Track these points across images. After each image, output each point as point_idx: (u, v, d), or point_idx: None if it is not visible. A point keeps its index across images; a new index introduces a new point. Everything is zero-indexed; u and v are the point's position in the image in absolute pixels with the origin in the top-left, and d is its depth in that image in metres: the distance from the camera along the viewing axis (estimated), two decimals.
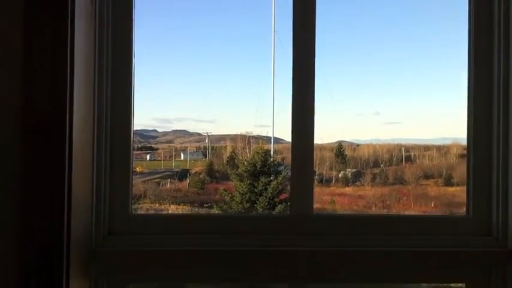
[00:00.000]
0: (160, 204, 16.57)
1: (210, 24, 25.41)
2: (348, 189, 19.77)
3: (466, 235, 1.95)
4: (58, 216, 1.58)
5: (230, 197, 12.17)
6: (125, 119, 1.96)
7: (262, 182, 11.83)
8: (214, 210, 13.00)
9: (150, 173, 21.53)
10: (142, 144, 27.10)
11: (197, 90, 27.14)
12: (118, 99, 1.94)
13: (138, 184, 17.57)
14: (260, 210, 11.60)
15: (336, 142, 22.74)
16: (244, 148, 19.35)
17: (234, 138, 21.75)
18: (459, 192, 19.21)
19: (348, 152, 22.06)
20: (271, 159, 12.82)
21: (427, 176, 21.28)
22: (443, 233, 1.96)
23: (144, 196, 16.01)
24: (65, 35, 1.54)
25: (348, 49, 21.19)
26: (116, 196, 1.98)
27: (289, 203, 1.99)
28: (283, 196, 12.13)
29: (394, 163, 22.75)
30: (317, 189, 19.35)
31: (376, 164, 19.14)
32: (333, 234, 1.95)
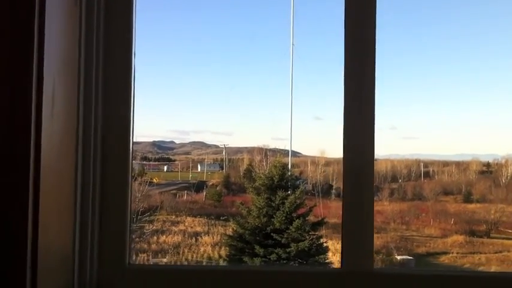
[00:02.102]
0: (176, 216, 16.65)
1: (228, 38, 25.68)
2: None
3: None
4: (16, 279, 1.09)
5: (247, 211, 12.14)
6: (121, 139, 1.49)
7: (279, 196, 11.77)
8: (231, 224, 12.96)
9: (167, 184, 21.68)
10: (159, 155, 27.38)
11: (215, 102, 27.38)
12: (112, 113, 1.49)
13: (155, 195, 17.70)
14: (277, 225, 11.52)
15: None
16: (261, 161, 19.39)
17: (251, 150, 21.83)
18: (479, 209, 18.85)
19: None
20: (289, 173, 12.76)
21: (446, 192, 20.97)
22: None
23: (160, 208, 16.11)
24: (31, 34, 1.16)
25: None
26: (108, 242, 1.46)
27: (340, 257, 1.54)
28: (301, 211, 12.04)
29: (412, 178, 22.46)
30: (334, 204, 19.20)
31: (394, 179, 18.93)
32: None
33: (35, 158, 1.13)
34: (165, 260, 13.27)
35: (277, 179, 12.12)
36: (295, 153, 19.96)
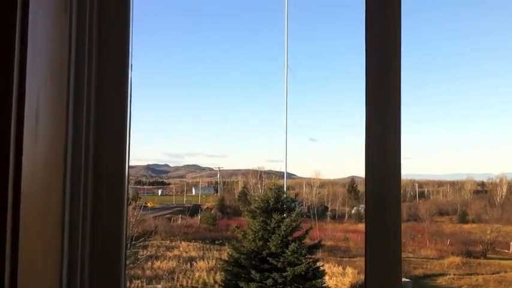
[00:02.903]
0: (171, 241, 16.45)
1: (222, 59, 25.88)
2: (361, 226, 19.40)
3: None
4: None
5: (242, 235, 12.02)
6: (116, 161, 1.35)
7: (275, 219, 11.69)
8: (226, 248, 12.81)
9: (161, 208, 21.51)
10: (154, 179, 27.28)
11: (209, 125, 27.43)
12: (106, 132, 1.35)
13: (149, 220, 17.52)
14: (273, 248, 11.41)
15: (349, 177, 22.64)
16: (256, 184, 19.32)
17: (245, 173, 21.80)
18: (475, 229, 18.78)
19: (360, 188, 21.89)
20: (284, 195, 12.71)
21: (441, 213, 20.94)
22: None
23: (155, 232, 15.93)
24: (11, 42, 1.04)
25: (361, 84, 21.21)
26: (101, 274, 1.33)
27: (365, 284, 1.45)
28: (296, 234, 11.95)
29: (407, 199, 22.46)
30: (330, 226, 19.09)
31: None
32: None
33: (14, 183, 0.99)
34: (159, 286, 13.08)
35: (273, 202, 12.05)
36: (290, 175, 19.96)
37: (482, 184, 22.27)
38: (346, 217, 20.19)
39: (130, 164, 1.45)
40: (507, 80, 22.66)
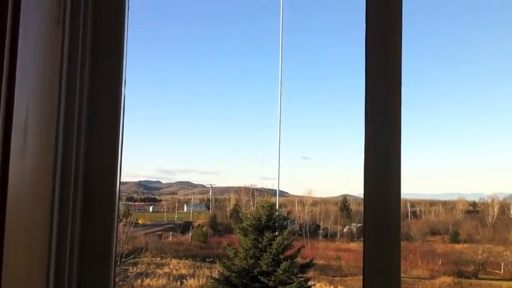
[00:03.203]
0: (161, 258, 16.27)
1: (215, 77, 26.00)
2: (353, 245, 19.38)
3: None
4: None
5: (234, 252, 11.92)
6: (107, 177, 1.31)
7: (266, 237, 11.61)
8: (217, 266, 12.69)
9: (152, 225, 21.32)
10: (145, 195, 27.09)
11: (202, 141, 27.39)
12: (97, 148, 1.31)
13: (140, 237, 17.34)
14: (265, 267, 11.31)
15: (341, 196, 22.62)
16: (248, 201, 19.24)
17: (238, 190, 21.71)
18: (466, 249, 18.77)
19: (352, 206, 21.88)
20: (277, 213, 12.66)
21: (433, 232, 20.94)
22: None
23: (145, 250, 15.76)
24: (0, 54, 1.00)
25: (355, 103, 21.44)
26: None
27: None
28: (288, 252, 11.87)
29: None
30: (322, 244, 19.00)
31: None
32: None
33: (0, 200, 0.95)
34: None
35: (265, 220, 11.99)
36: (282, 193, 19.91)
37: (474, 204, 22.36)
38: (338, 236, 20.12)
39: (122, 180, 1.40)
40: (497, 101, 22.97)
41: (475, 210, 21.99)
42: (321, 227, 20.20)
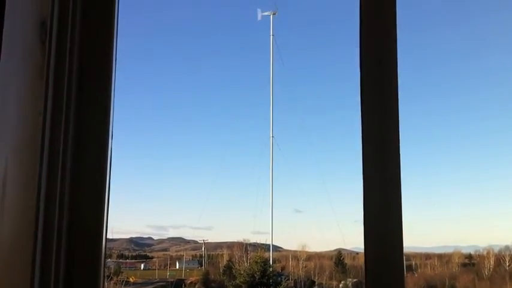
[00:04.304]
0: None
1: (208, 132, 26.25)
2: None
3: None
4: None
5: None
6: (92, 235, 1.23)
7: None
8: None
9: (143, 284, 20.74)
10: (137, 252, 26.49)
11: (194, 197, 27.20)
12: (82, 210, 1.24)
13: None
14: None
15: (335, 250, 22.30)
16: (241, 256, 18.88)
17: (231, 245, 21.33)
18: None
19: (347, 261, 21.53)
20: (271, 269, 12.44)
21: (430, 286, 20.54)
22: None
23: None
24: None
25: (347, 155, 21.66)
26: None
27: None
28: None
29: None
30: None
31: None
32: None
33: None
34: None
35: (259, 276, 11.78)
36: (276, 248, 19.58)
37: (470, 256, 22.12)
38: None
39: (112, 237, 1.33)
40: (490, 154, 23.32)
41: (471, 262, 21.72)
42: (316, 283, 19.77)
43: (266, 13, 16.56)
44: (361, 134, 1.39)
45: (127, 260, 23.55)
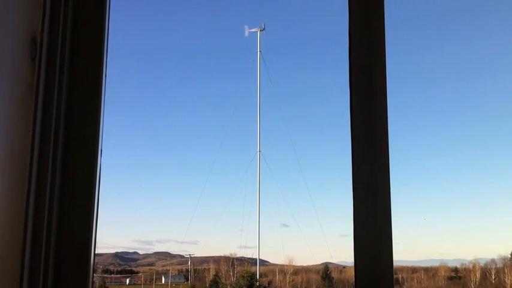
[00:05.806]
0: None
1: (195, 145, 26.22)
2: None
3: None
4: None
5: None
6: (80, 253, 1.23)
7: None
8: None
9: None
10: (122, 267, 26.13)
11: (181, 211, 27.03)
12: (70, 227, 1.23)
13: None
14: None
15: (322, 264, 22.26)
16: (228, 271, 18.75)
17: (217, 260, 21.17)
18: None
19: (334, 275, 21.49)
20: (257, 284, 12.37)
21: None
22: None
23: None
24: None
25: (333, 170, 21.75)
26: None
27: None
28: None
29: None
30: None
31: None
32: None
33: None
34: None
35: None
36: (262, 262, 19.48)
37: (456, 270, 22.24)
38: None
39: (98, 252, 1.35)
40: (476, 168, 23.62)
41: (457, 276, 21.84)
42: None
43: (253, 30, 16.65)
44: (351, 147, 1.39)
45: (112, 275, 23.21)
